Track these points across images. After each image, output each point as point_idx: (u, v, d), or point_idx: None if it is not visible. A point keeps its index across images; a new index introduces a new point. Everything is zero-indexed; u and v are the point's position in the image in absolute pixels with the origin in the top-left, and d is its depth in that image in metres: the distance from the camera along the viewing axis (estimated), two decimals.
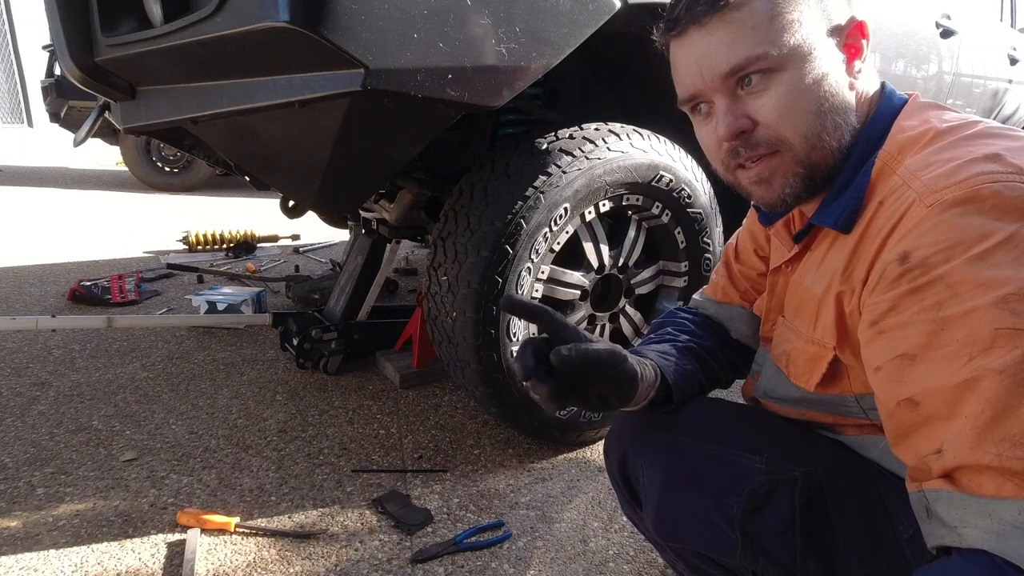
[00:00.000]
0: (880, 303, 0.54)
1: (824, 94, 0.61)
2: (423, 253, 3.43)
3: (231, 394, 1.77)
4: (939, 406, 0.48)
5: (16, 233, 3.90)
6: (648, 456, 0.79)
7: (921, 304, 0.51)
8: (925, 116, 0.63)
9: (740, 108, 0.63)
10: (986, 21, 2.55)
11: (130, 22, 1.12)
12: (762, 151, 0.63)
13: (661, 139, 1.45)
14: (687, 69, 0.65)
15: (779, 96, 0.61)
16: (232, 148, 1.31)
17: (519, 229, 1.25)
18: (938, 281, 0.50)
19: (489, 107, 1.08)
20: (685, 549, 0.79)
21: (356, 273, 1.94)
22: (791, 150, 0.63)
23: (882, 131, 0.63)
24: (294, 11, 0.86)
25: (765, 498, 0.70)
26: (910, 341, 0.51)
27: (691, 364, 0.82)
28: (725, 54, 0.61)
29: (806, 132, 0.62)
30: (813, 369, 0.68)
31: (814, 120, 0.62)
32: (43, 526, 1.20)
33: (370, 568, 1.12)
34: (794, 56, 0.60)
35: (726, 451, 0.75)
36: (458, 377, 1.42)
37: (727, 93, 0.63)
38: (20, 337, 2.14)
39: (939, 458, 0.48)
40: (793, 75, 0.60)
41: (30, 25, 8.14)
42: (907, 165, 0.58)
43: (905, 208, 0.55)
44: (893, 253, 0.54)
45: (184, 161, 5.75)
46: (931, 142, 0.59)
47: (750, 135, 0.63)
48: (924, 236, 0.52)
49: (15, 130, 8.62)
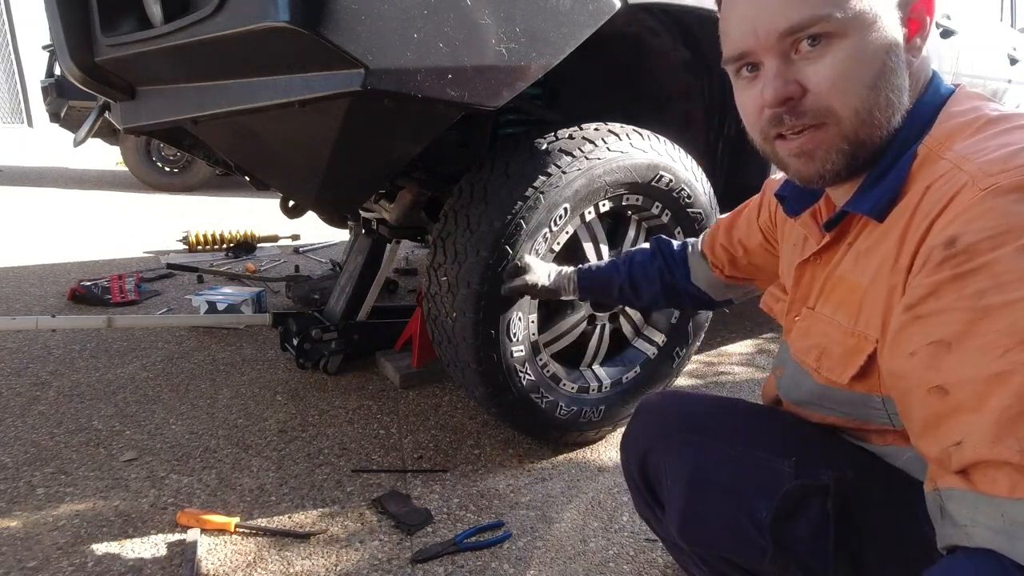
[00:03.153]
0: (920, 287, 0.52)
1: (883, 68, 0.58)
2: (423, 253, 3.43)
3: (231, 394, 1.77)
4: (968, 397, 0.47)
5: (16, 233, 3.90)
6: (672, 456, 0.77)
7: (962, 291, 0.48)
8: (974, 104, 0.60)
9: (791, 73, 0.59)
10: (986, 21, 2.55)
11: (130, 22, 1.12)
12: (807, 121, 0.59)
13: (661, 139, 1.45)
14: (739, 24, 0.60)
15: (836, 63, 0.57)
16: (232, 148, 1.31)
17: (519, 229, 1.25)
18: (983, 269, 0.47)
19: (489, 107, 1.08)
20: (709, 553, 0.77)
21: (356, 273, 1.94)
22: (839, 124, 0.59)
23: (927, 119, 0.61)
24: (294, 11, 0.86)
25: (797, 504, 0.68)
26: (947, 328, 0.49)
27: (614, 273, 1.19)
28: (785, 11, 0.57)
29: (858, 105, 0.58)
30: (849, 362, 0.65)
31: (868, 94, 0.58)
32: (43, 526, 1.20)
33: (370, 568, 1.12)
34: (858, 22, 0.56)
35: (753, 453, 0.73)
36: (458, 377, 1.42)
37: (779, 55, 0.59)
38: (20, 337, 2.14)
39: (958, 450, 0.46)
40: (855, 42, 0.57)
41: (30, 25, 8.14)
42: (957, 150, 0.56)
43: (956, 191, 0.52)
44: (940, 237, 0.51)
45: (184, 161, 5.74)
46: (982, 128, 0.57)
47: (798, 103, 0.59)
48: (974, 221, 0.49)
49: (15, 130, 8.62)
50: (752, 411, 0.82)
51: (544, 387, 1.41)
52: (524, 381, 1.37)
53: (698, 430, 0.77)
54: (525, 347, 1.36)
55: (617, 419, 1.57)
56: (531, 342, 1.38)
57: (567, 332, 1.48)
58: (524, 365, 1.36)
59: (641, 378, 1.60)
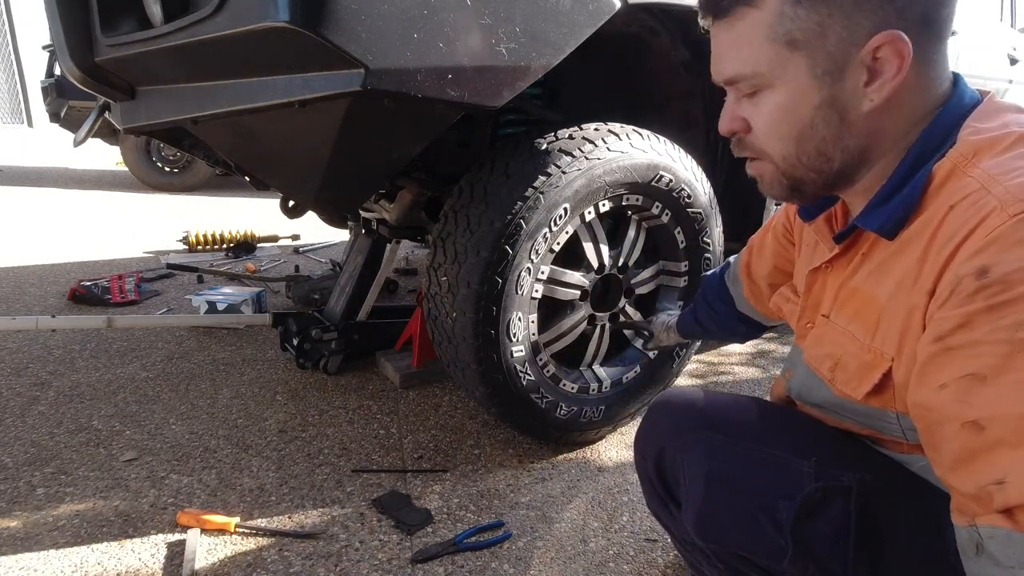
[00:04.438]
0: (950, 318, 0.51)
1: (809, 122, 0.60)
2: (423, 253, 3.43)
3: (231, 394, 1.77)
4: (1007, 433, 0.45)
5: (16, 233, 3.90)
6: (690, 453, 0.77)
7: (997, 323, 0.47)
8: (1004, 119, 0.58)
9: (740, 109, 0.64)
10: (986, 21, 2.55)
11: (130, 22, 1.12)
12: (748, 154, 0.66)
13: (661, 139, 1.45)
14: (711, 58, 0.66)
15: (766, 113, 0.62)
16: (232, 148, 1.31)
17: (519, 229, 1.25)
18: (1020, 300, 0.46)
19: (489, 107, 1.08)
20: (725, 551, 0.76)
21: (356, 273, 1.94)
22: (772, 162, 0.64)
23: (946, 132, 0.59)
24: (294, 11, 0.86)
25: (818, 504, 0.68)
26: (981, 361, 0.48)
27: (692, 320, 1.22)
28: (724, 62, 0.63)
29: (784, 153, 0.63)
30: (864, 377, 0.64)
31: (792, 145, 0.62)
32: (43, 526, 1.20)
33: (370, 568, 1.12)
34: (784, 79, 0.59)
35: (772, 452, 0.73)
36: (458, 377, 1.42)
37: (733, 92, 0.65)
38: (20, 337, 2.14)
39: (1001, 489, 0.45)
40: (778, 98, 0.60)
41: (30, 25, 8.14)
42: (985, 168, 0.54)
43: (984, 215, 0.51)
44: (969, 266, 0.50)
45: (184, 161, 5.74)
46: (1013, 146, 0.55)
47: (743, 137, 0.65)
48: (1008, 251, 0.48)
49: (15, 130, 8.63)
50: (769, 410, 0.82)
51: (544, 387, 1.41)
52: (524, 381, 1.37)
53: (716, 427, 0.77)
54: (525, 347, 1.36)
55: (617, 419, 1.57)
56: (531, 342, 1.38)
57: (567, 332, 1.48)
58: (524, 365, 1.36)
59: (641, 378, 1.60)
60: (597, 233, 1.43)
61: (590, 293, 1.47)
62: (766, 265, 1.00)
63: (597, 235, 1.43)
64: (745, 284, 1.06)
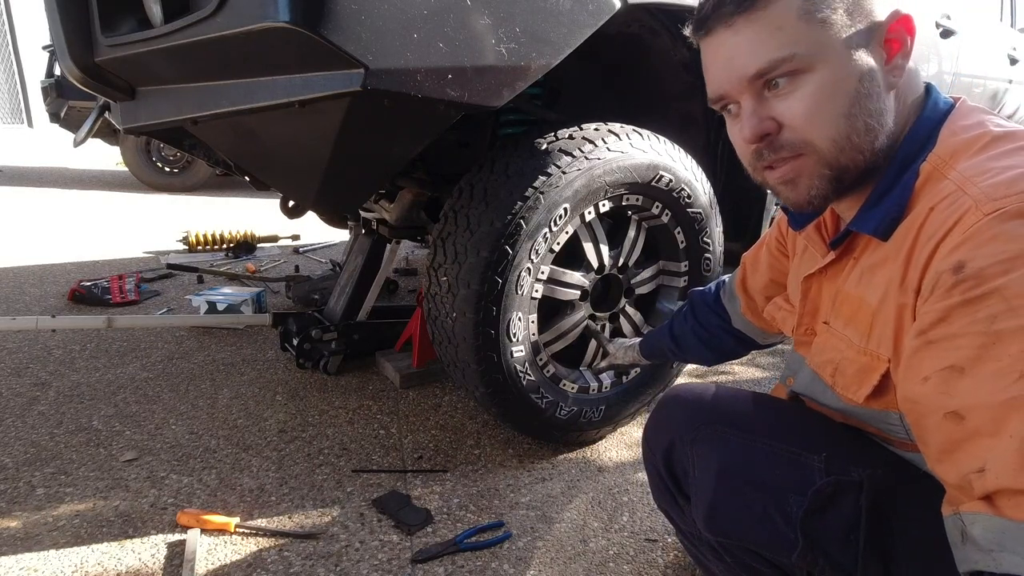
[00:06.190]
0: (930, 312, 0.52)
1: (856, 95, 0.59)
2: (423, 253, 3.43)
3: (231, 394, 1.77)
4: (985, 422, 0.47)
5: (16, 233, 3.90)
6: (700, 447, 0.77)
7: (974, 316, 0.49)
8: (979, 119, 0.60)
9: (765, 110, 0.62)
10: (986, 21, 2.55)
11: (130, 22, 1.12)
12: (785, 154, 0.62)
13: (661, 139, 1.45)
14: (715, 70, 0.64)
15: (807, 97, 0.59)
16: (232, 148, 1.31)
17: (519, 229, 1.25)
18: (994, 293, 0.48)
19: (489, 107, 1.08)
20: (734, 544, 0.77)
21: (356, 273, 1.94)
22: (816, 152, 0.61)
23: (927, 135, 0.61)
24: (294, 11, 0.86)
25: (829, 499, 0.68)
26: (960, 353, 0.49)
27: (663, 338, 1.20)
28: (751, 56, 0.60)
29: (834, 135, 0.60)
30: (863, 381, 0.66)
31: (844, 123, 0.60)
32: (43, 526, 1.20)
33: (370, 568, 1.12)
34: (824, 56, 0.58)
35: (783, 447, 0.74)
36: (458, 377, 1.42)
37: (753, 95, 0.62)
38: (20, 337, 2.14)
39: (981, 477, 0.47)
40: (822, 76, 0.58)
41: (30, 25, 8.14)
42: (961, 170, 0.56)
43: (960, 214, 0.53)
44: (947, 263, 0.52)
45: (184, 161, 5.74)
46: (987, 147, 0.56)
47: (775, 138, 0.62)
48: (982, 247, 0.50)
49: (15, 130, 8.62)
50: (778, 405, 0.82)
51: (544, 387, 1.41)
52: (524, 381, 1.37)
53: (727, 421, 0.77)
54: (525, 347, 1.36)
55: (617, 419, 1.57)
56: (531, 342, 1.38)
57: (567, 332, 1.48)
58: (524, 365, 1.36)
59: (641, 378, 1.59)
60: (597, 233, 1.43)
61: (590, 293, 1.47)
62: (762, 279, 1.00)
63: (597, 235, 1.43)
64: (742, 300, 1.06)
